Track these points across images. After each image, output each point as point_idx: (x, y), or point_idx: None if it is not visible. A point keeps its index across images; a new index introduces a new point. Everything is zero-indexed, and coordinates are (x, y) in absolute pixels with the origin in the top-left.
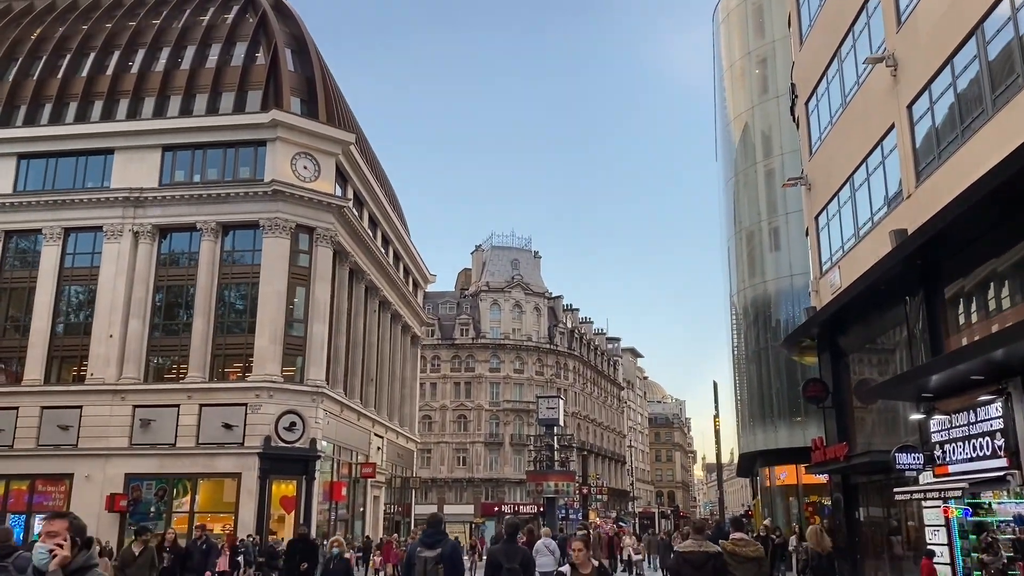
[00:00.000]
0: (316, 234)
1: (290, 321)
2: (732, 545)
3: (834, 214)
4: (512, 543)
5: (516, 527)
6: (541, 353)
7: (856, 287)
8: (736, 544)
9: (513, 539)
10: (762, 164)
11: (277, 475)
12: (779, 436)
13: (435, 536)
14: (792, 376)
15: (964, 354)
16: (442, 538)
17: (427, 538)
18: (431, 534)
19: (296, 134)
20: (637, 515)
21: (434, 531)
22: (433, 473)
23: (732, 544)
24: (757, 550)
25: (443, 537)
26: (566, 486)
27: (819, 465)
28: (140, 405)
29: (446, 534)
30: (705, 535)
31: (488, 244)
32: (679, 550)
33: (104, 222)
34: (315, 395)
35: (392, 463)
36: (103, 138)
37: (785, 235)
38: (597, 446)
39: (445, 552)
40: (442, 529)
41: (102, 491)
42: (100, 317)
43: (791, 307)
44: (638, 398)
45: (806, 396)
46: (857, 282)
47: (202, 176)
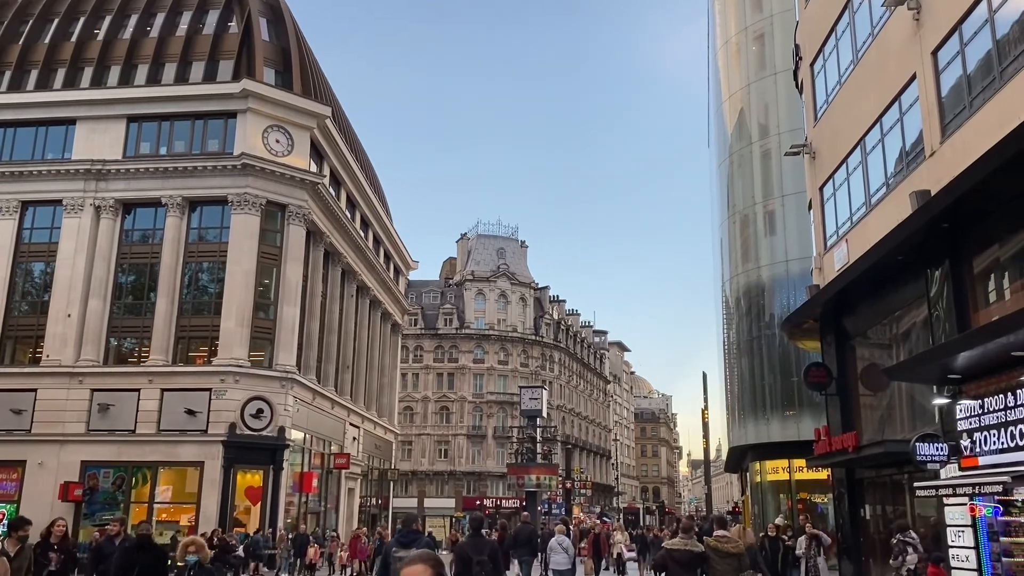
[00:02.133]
0: (288, 211)
1: (259, 303)
2: (715, 542)
3: (841, 183)
4: (478, 536)
5: (481, 521)
6: (526, 344)
7: (867, 260)
8: (719, 541)
9: (479, 533)
10: (758, 144)
11: (243, 464)
12: (771, 429)
13: (410, 535)
14: (786, 367)
15: (1005, 325)
16: (417, 537)
17: (402, 537)
18: (406, 533)
19: (268, 105)
20: (622, 511)
21: (408, 530)
22: (414, 466)
23: (715, 541)
24: (737, 547)
25: (418, 536)
26: (548, 480)
27: (823, 457)
28: (99, 389)
29: (421, 532)
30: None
31: (474, 232)
32: (667, 547)
33: (64, 195)
34: (284, 381)
35: (369, 455)
36: (65, 107)
37: (781, 218)
38: (582, 440)
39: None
40: (416, 528)
41: (56, 479)
42: (58, 296)
43: (786, 294)
44: (624, 392)
45: (808, 382)
46: (869, 254)
47: (169, 149)
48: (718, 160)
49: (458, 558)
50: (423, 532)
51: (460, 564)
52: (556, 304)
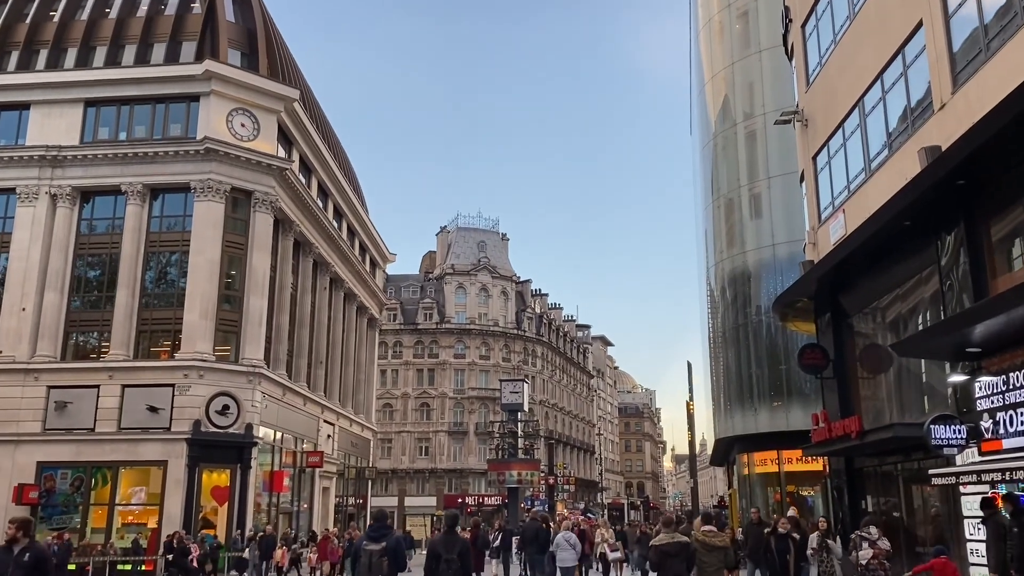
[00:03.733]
0: (254, 198)
1: (225, 295)
2: (702, 536)
3: (837, 149)
4: (452, 534)
5: (455, 518)
6: (508, 339)
7: (868, 228)
8: (706, 535)
9: (452, 531)
10: (742, 125)
11: (208, 463)
12: (759, 420)
13: (380, 530)
14: (774, 355)
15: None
16: (387, 532)
17: (373, 532)
18: (376, 528)
19: (233, 88)
20: (606, 506)
21: (380, 525)
22: (394, 464)
23: (702, 535)
24: (723, 540)
25: (388, 531)
26: (530, 475)
27: (822, 445)
28: (55, 386)
29: (391, 528)
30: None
31: (454, 225)
32: (655, 544)
33: (18, 183)
34: (252, 376)
35: (345, 452)
36: (18, 90)
37: (767, 201)
38: (565, 435)
39: (390, 545)
40: (387, 523)
41: (11, 481)
42: (12, 288)
43: (773, 279)
44: (608, 387)
45: (802, 365)
46: (870, 222)
47: (128, 134)
48: (701, 144)
49: (429, 554)
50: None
51: (430, 560)
52: (538, 298)
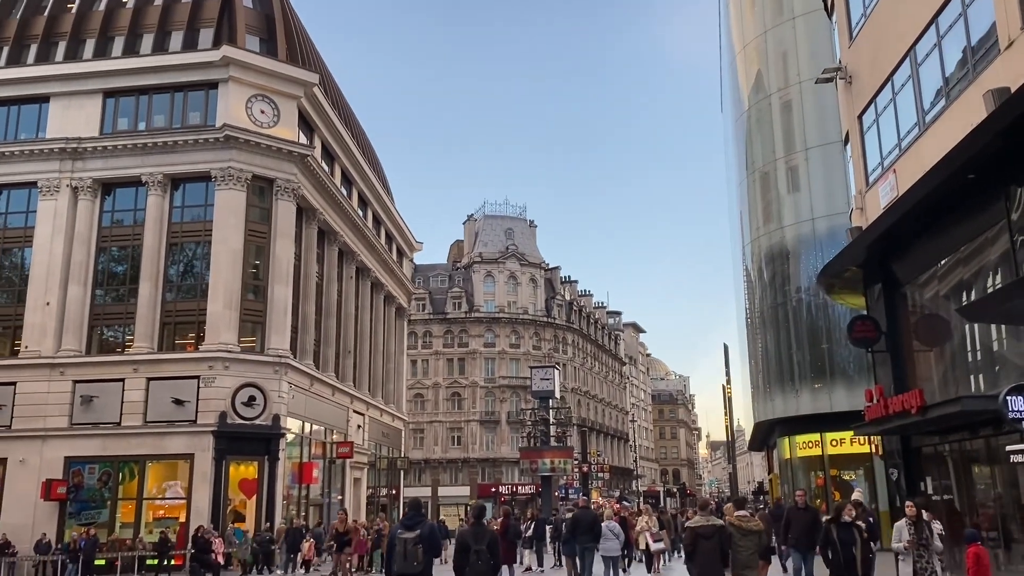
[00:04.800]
0: (276, 186)
1: (248, 284)
2: (736, 520)
3: (886, 105)
4: (480, 526)
5: (483, 509)
6: (538, 326)
7: (923, 187)
8: (740, 519)
9: (480, 521)
10: (777, 96)
11: (235, 456)
12: (801, 402)
13: (414, 518)
14: (815, 334)
15: None
16: (421, 520)
17: (407, 520)
18: (411, 516)
19: (251, 74)
20: (642, 493)
21: (414, 513)
22: (426, 454)
23: (736, 520)
24: (757, 524)
25: (422, 519)
26: (563, 463)
27: (877, 423)
28: (81, 380)
29: (425, 516)
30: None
31: (481, 213)
32: (690, 525)
33: (39, 177)
34: (278, 366)
35: (376, 443)
36: (38, 83)
37: (805, 174)
38: (598, 423)
39: (423, 533)
40: (421, 512)
41: (39, 477)
42: (36, 283)
43: (813, 255)
44: (640, 374)
45: (853, 339)
46: (926, 179)
47: (148, 124)
48: (734, 119)
49: (458, 545)
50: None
51: (460, 551)
52: (568, 285)
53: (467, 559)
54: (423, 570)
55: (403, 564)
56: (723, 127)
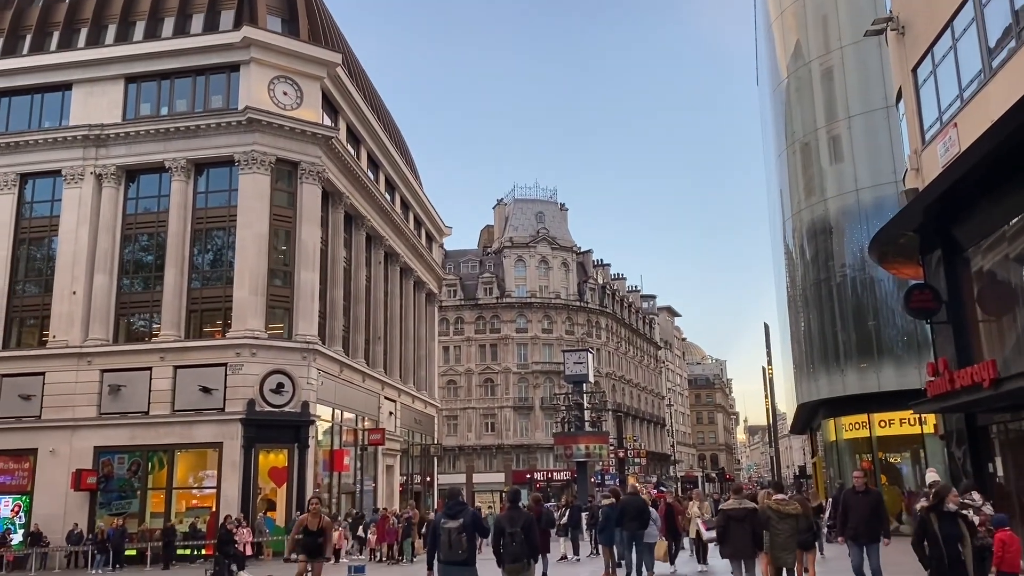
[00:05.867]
0: (301, 169)
1: (274, 269)
2: (775, 504)
3: (945, 54)
4: (516, 509)
5: (518, 494)
6: (571, 311)
7: (990, 139)
8: (778, 503)
9: (516, 505)
10: (817, 63)
11: (264, 443)
12: (847, 382)
13: (456, 507)
14: (861, 311)
15: None
16: (463, 508)
17: (449, 510)
18: (452, 506)
19: (273, 55)
20: (679, 479)
21: (454, 502)
22: (460, 440)
23: (775, 503)
24: (796, 508)
25: (463, 507)
26: (598, 448)
27: (941, 399)
28: (108, 369)
29: (466, 504)
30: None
31: (511, 198)
32: (723, 508)
33: (63, 165)
34: (306, 352)
35: (409, 429)
36: (60, 70)
37: (848, 143)
38: (634, 408)
39: (467, 522)
40: (461, 500)
41: (69, 467)
42: (62, 272)
43: (858, 227)
44: (676, 358)
45: (910, 309)
46: (994, 131)
47: (170, 108)
48: (771, 89)
49: (495, 528)
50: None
51: (496, 534)
52: (600, 268)
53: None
54: (467, 557)
55: (448, 553)
56: (759, 101)
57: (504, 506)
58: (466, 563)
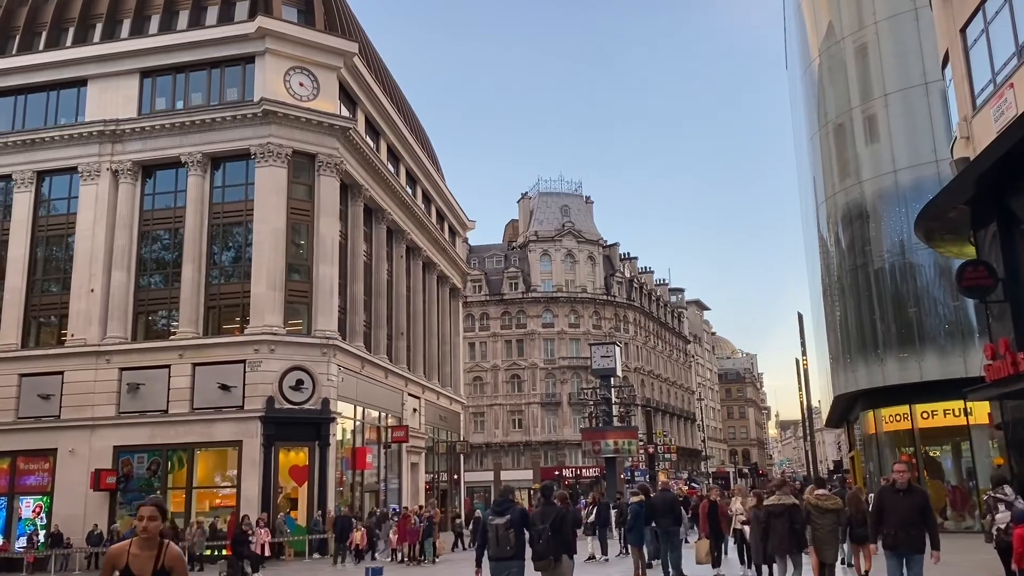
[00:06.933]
0: (318, 161)
1: (292, 264)
2: (815, 499)
3: (999, 8)
4: (549, 505)
5: (550, 489)
6: (598, 305)
7: None
8: (818, 499)
9: (549, 501)
10: (850, 39)
11: (284, 441)
12: (887, 372)
13: (504, 504)
14: (900, 298)
15: None
16: (510, 506)
17: (497, 506)
18: (500, 502)
19: (288, 45)
20: (711, 474)
21: (503, 500)
22: (487, 437)
23: (815, 499)
24: (836, 503)
25: (511, 505)
26: (628, 444)
27: (1002, 384)
28: (127, 367)
29: (514, 502)
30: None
31: (535, 191)
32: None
33: (79, 161)
34: (326, 348)
35: (434, 427)
36: (75, 66)
37: (884, 122)
38: (663, 403)
39: (514, 518)
40: (510, 498)
41: (88, 467)
42: (80, 270)
43: (896, 211)
44: (706, 353)
45: (963, 288)
46: None
47: (185, 102)
48: (801, 69)
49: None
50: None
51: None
52: (627, 261)
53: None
54: (515, 553)
55: (496, 549)
56: (788, 85)
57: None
58: (514, 558)
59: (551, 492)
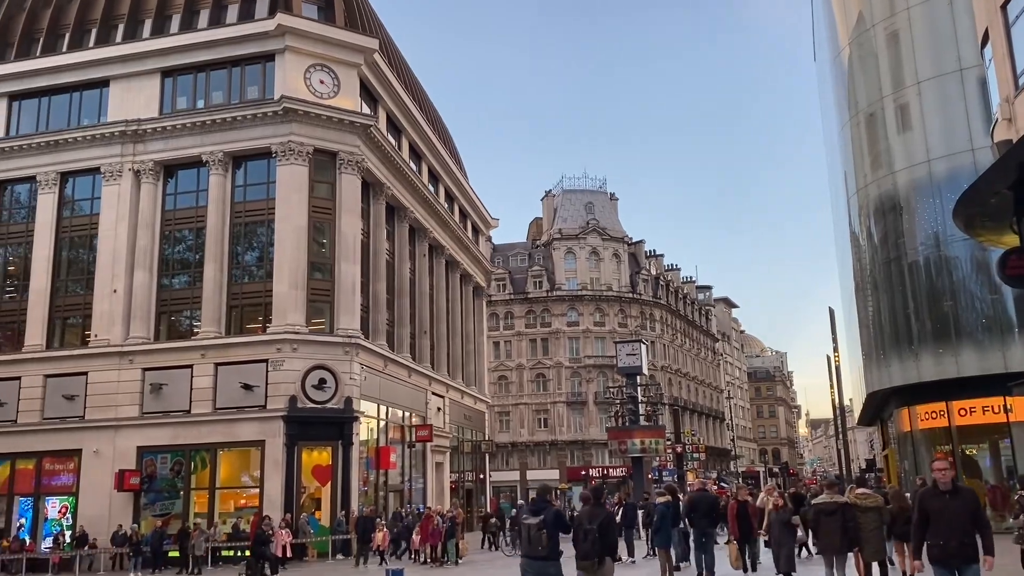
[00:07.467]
0: (339, 159)
1: (314, 263)
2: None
3: None
4: (598, 506)
5: (599, 491)
6: (623, 303)
7: None
8: (859, 497)
9: (598, 503)
10: (881, 27)
11: (307, 441)
12: (922, 368)
13: (540, 504)
14: (935, 292)
15: None
16: (546, 506)
17: (533, 506)
18: (537, 502)
19: (308, 42)
20: (740, 474)
21: (540, 499)
22: (513, 437)
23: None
24: (877, 501)
25: (547, 505)
26: (655, 443)
27: None
28: (150, 368)
29: (550, 502)
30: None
31: (559, 188)
32: (815, 503)
33: (101, 162)
34: (348, 347)
35: (459, 426)
36: (98, 67)
37: (918, 111)
38: (692, 402)
39: (548, 519)
40: (548, 498)
41: (112, 467)
42: (102, 270)
43: (930, 202)
44: (735, 351)
45: (1006, 276)
46: None
47: (206, 101)
48: (830, 58)
49: (575, 526)
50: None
51: (576, 532)
52: (653, 259)
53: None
54: (548, 553)
55: (528, 548)
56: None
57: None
58: (547, 558)
59: (601, 494)
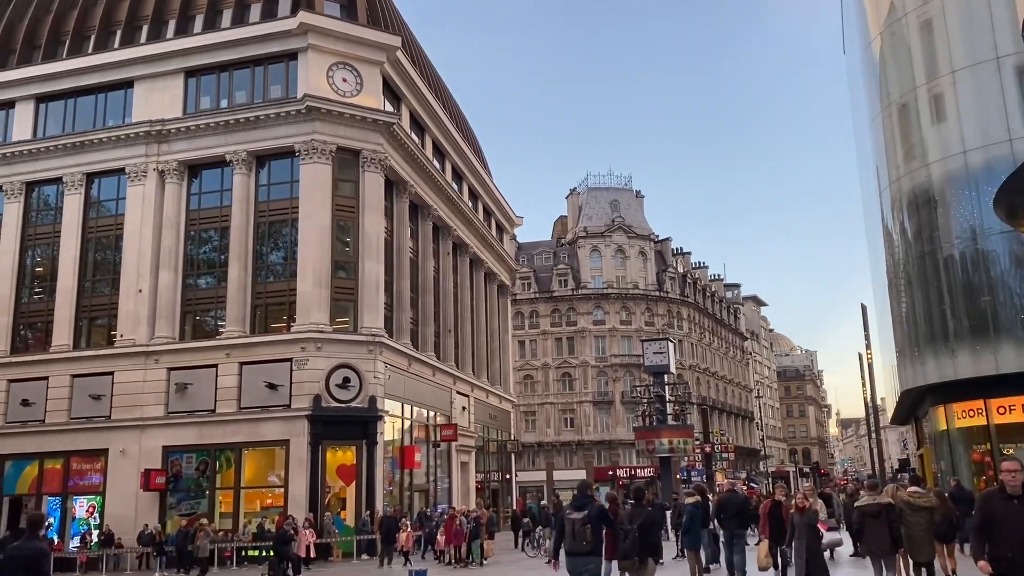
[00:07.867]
0: (363, 158)
1: (338, 261)
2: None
3: None
4: (639, 506)
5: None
6: (650, 301)
7: None
8: (912, 496)
9: (639, 503)
10: (914, 15)
11: (331, 440)
12: (959, 364)
13: (583, 500)
14: (972, 286)
15: None
16: (589, 502)
17: (576, 502)
18: (579, 498)
19: (331, 40)
20: (770, 474)
21: (581, 495)
22: (539, 436)
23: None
24: (929, 500)
25: (590, 501)
26: (683, 443)
27: None
28: (175, 367)
29: (592, 498)
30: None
31: (584, 186)
32: (858, 505)
33: (126, 162)
34: (372, 345)
35: (484, 425)
36: (122, 68)
37: (952, 100)
38: (720, 401)
39: (591, 514)
40: (589, 494)
41: (138, 467)
42: (127, 270)
43: (966, 194)
44: (764, 350)
45: None
46: None
47: (229, 101)
48: (861, 49)
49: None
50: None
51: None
52: (680, 257)
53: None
54: (592, 548)
55: (572, 544)
56: (847, 68)
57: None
58: (591, 554)
59: (643, 494)
